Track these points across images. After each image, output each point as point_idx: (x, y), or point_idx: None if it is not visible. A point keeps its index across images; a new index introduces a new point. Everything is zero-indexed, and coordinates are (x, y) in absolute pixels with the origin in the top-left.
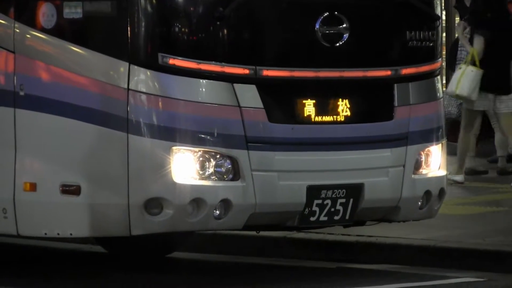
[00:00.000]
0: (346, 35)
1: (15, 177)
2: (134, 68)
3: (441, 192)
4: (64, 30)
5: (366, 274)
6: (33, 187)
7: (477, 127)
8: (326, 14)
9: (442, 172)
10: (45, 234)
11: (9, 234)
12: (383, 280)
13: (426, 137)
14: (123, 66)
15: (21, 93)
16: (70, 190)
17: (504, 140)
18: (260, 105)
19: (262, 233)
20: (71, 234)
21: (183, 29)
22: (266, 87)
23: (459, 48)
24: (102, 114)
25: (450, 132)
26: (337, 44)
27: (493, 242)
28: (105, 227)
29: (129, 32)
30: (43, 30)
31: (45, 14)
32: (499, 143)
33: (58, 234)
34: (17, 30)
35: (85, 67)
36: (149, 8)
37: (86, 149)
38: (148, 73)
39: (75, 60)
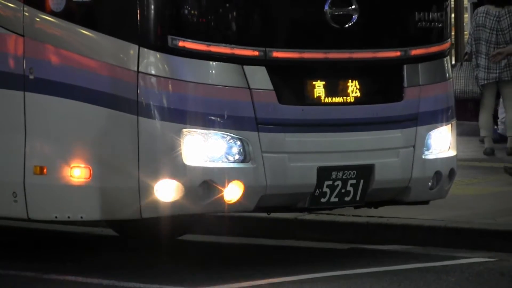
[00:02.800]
0: (355, 16)
1: (25, 161)
2: (144, 50)
3: (451, 172)
4: (74, 13)
5: (377, 255)
6: (43, 170)
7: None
8: None
9: (452, 153)
10: (56, 217)
11: (20, 218)
12: (394, 261)
13: (436, 117)
14: (133, 48)
15: (31, 77)
16: (80, 173)
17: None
18: (270, 86)
19: (273, 215)
20: (81, 218)
21: (192, 11)
22: (275, 69)
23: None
24: (112, 96)
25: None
26: (346, 26)
27: (504, 222)
28: (116, 210)
29: (138, 15)
30: (52, 13)
31: None
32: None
33: (69, 217)
34: (26, 14)
35: (94, 50)
36: None
37: (96, 132)
38: (158, 56)
39: (84, 43)
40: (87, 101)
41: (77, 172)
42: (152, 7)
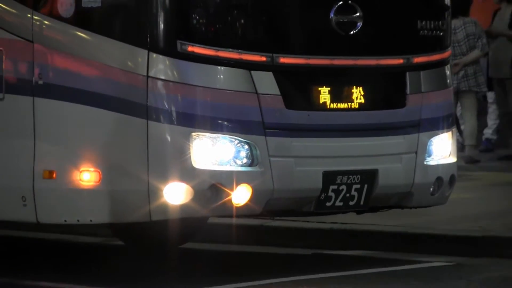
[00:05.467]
0: (359, 24)
1: (34, 165)
2: (153, 55)
3: (452, 178)
4: (83, 19)
5: (340, 260)
6: (52, 174)
7: None
8: (340, 3)
9: (453, 159)
10: (65, 221)
11: (29, 222)
12: (357, 266)
13: (437, 124)
14: (142, 53)
15: (40, 82)
16: (90, 177)
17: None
18: (277, 91)
19: (239, 221)
20: (91, 221)
21: (201, 17)
22: (282, 74)
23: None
24: (122, 101)
25: None
26: (351, 33)
27: (463, 228)
28: (125, 213)
29: (148, 20)
30: (61, 19)
31: (64, 3)
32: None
33: (78, 220)
34: (36, 20)
35: (104, 55)
36: None
37: (106, 136)
38: (167, 61)
39: (94, 48)
40: (97, 106)
41: (87, 176)
42: (161, 12)
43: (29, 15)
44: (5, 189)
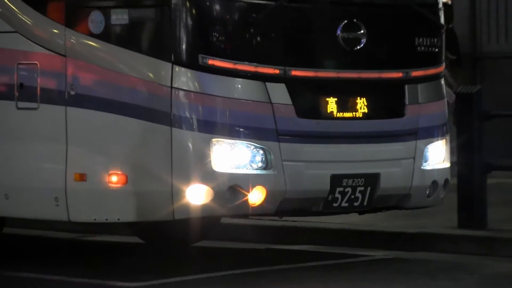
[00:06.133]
0: (363, 40)
1: (66, 169)
2: (177, 68)
3: (446, 182)
4: (112, 35)
5: (290, 254)
6: (83, 177)
7: None
8: (346, 21)
9: (446, 164)
10: (95, 219)
11: (61, 221)
12: (304, 259)
13: (433, 132)
14: (166, 66)
15: (72, 93)
16: (118, 179)
17: None
18: (289, 101)
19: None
20: (118, 219)
21: (220, 33)
22: (294, 86)
23: None
24: (148, 110)
25: None
26: (356, 48)
27: (401, 224)
28: (150, 213)
29: (171, 36)
30: (92, 35)
31: (94, 20)
32: None
33: (107, 219)
34: (68, 36)
35: (131, 68)
36: (189, 13)
37: (133, 142)
38: (189, 73)
39: (122, 61)
40: (124, 114)
41: (115, 178)
42: (184, 28)
43: (62, 32)
44: (39, 190)
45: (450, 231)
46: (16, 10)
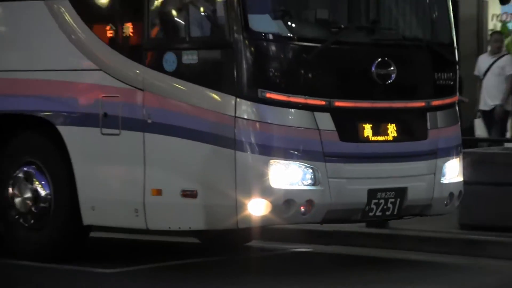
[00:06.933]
0: (393, 76)
1: (144, 185)
2: (240, 100)
3: (460, 193)
4: (183, 72)
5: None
6: (159, 192)
7: None
8: (379, 60)
9: (460, 179)
10: (169, 228)
11: (139, 229)
12: (240, 251)
13: (450, 152)
14: (230, 99)
15: (149, 121)
16: (189, 194)
17: None
18: (333, 128)
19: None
20: (190, 228)
21: (276, 70)
22: (337, 114)
23: None
24: (214, 135)
25: None
26: (387, 82)
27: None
28: (218, 222)
29: (234, 73)
30: (166, 72)
31: (168, 60)
32: None
33: (180, 228)
34: (146, 74)
35: (200, 100)
36: (249, 54)
37: (202, 162)
38: (250, 104)
39: (192, 95)
40: (194, 139)
41: (187, 193)
42: (245, 67)
43: (140, 70)
44: (121, 203)
45: (360, 229)
46: (101, 51)
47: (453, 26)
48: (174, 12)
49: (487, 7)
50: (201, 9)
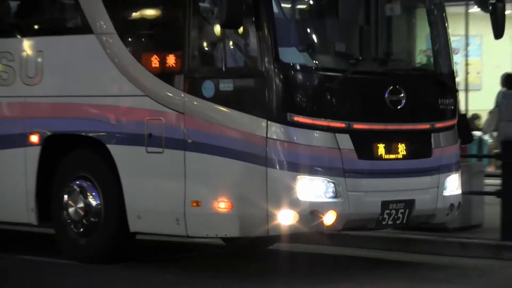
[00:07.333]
0: (403, 101)
1: (185, 197)
2: (270, 123)
3: (459, 204)
4: (220, 98)
5: (184, 245)
6: (198, 204)
7: None
8: (391, 87)
9: (459, 191)
10: (207, 235)
11: (180, 235)
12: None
13: (450, 168)
14: (263, 122)
15: (189, 141)
16: (225, 205)
17: None
18: (352, 147)
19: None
20: (225, 235)
21: (302, 97)
22: (355, 135)
23: None
24: (248, 154)
25: None
26: (398, 107)
27: None
28: (250, 230)
29: (266, 99)
30: (204, 98)
31: (206, 87)
32: None
33: (216, 235)
34: (186, 99)
35: (235, 123)
36: (279, 82)
37: (237, 177)
38: (280, 126)
39: (228, 118)
40: (230, 157)
41: (223, 205)
42: (275, 93)
43: (181, 96)
44: (164, 213)
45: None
46: (147, 79)
47: (453, 57)
48: (212, 44)
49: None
50: (236, 42)
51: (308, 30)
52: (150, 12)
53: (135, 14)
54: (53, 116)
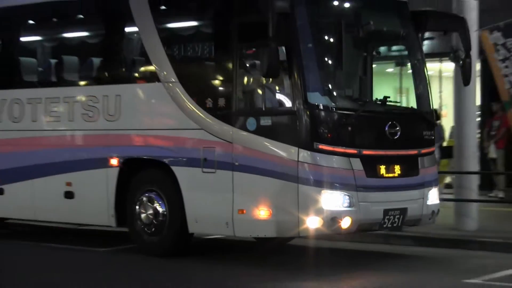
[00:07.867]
0: (399, 133)
1: (233, 206)
2: (300, 150)
3: (438, 211)
4: (261, 131)
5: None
6: (243, 211)
7: None
8: (390, 123)
9: (438, 201)
10: (250, 235)
11: (229, 235)
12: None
13: (432, 183)
14: (294, 149)
15: (236, 163)
16: (265, 213)
17: None
18: (362, 168)
19: None
20: (265, 235)
21: (325, 130)
22: (364, 159)
23: None
24: (283, 173)
25: None
26: (395, 138)
27: None
28: (285, 232)
29: (297, 131)
30: (248, 131)
31: (250, 123)
32: None
33: (258, 235)
34: (234, 132)
35: (273, 149)
36: (307, 119)
37: (274, 191)
38: (308, 153)
39: (267, 146)
40: (269, 176)
41: (263, 212)
42: (304, 127)
43: (230, 129)
44: (216, 218)
45: None
46: (203, 116)
47: (431, 96)
48: (254, 89)
49: None
50: (274, 87)
51: (328, 78)
52: (205, 64)
53: (192, 66)
54: (128, 144)
